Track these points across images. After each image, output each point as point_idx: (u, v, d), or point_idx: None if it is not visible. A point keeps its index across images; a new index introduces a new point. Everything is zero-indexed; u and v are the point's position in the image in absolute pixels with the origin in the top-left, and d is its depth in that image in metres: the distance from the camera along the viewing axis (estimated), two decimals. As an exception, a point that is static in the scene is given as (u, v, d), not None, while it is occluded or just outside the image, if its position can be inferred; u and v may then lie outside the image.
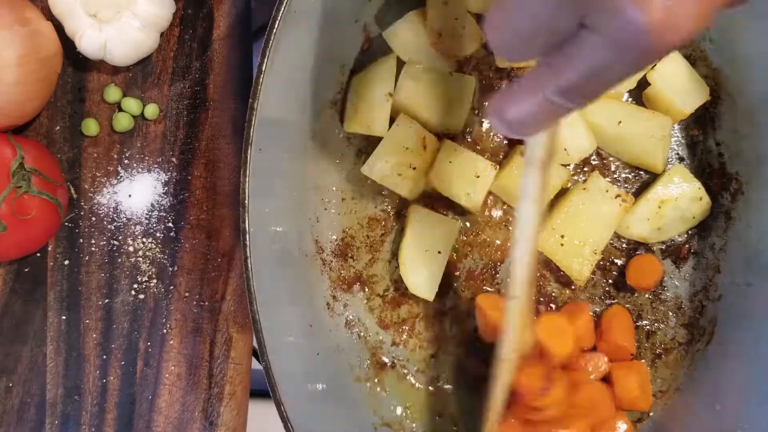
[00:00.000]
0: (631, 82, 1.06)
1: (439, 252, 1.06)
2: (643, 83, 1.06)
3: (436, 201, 1.10)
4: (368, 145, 1.08)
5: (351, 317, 1.10)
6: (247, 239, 0.86)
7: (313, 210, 1.08)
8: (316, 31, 0.97)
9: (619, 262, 1.10)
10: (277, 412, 0.88)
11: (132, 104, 1.08)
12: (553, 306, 1.10)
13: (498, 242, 1.10)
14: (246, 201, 0.86)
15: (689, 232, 1.10)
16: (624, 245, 1.10)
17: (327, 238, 1.09)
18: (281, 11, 0.84)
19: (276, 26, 0.84)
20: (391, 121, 1.04)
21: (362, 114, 1.04)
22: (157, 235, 1.09)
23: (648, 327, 1.10)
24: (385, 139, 1.03)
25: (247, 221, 0.86)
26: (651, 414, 1.09)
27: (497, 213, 1.10)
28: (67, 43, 1.04)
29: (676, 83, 1.05)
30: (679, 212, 1.05)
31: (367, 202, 1.10)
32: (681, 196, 1.05)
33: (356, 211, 1.10)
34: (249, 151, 0.85)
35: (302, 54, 0.96)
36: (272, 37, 0.84)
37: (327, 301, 1.09)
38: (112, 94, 1.08)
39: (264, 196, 0.91)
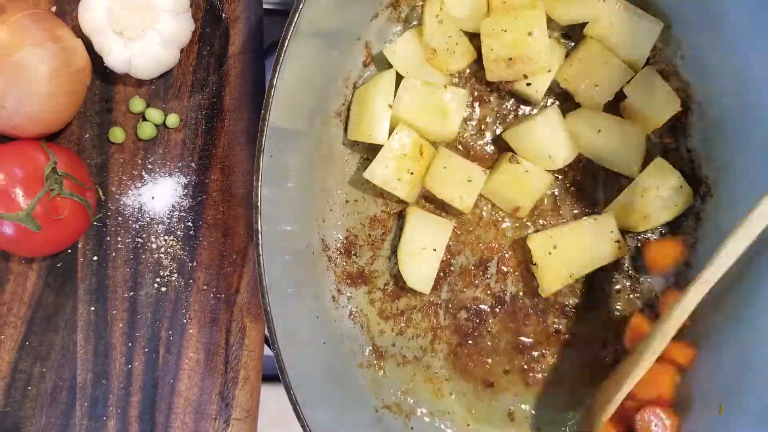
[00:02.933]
0: (610, 94, 1.10)
1: (434, 249, 1.10)
2: (620, 95, 1.10)
3: (432, 203, 1.14)
4: (370, 151, 1.12)
5: (354, 309, 1.14)
6: (260, 238, 0.91)
7: (319, 211, 1.12)
8: (322, 48, 1.02)
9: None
10: (287, 395, 0.93)
11: (155, 114, 1.13)
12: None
13: (488, 241, 1.15)
14: (258, 204, 0.90)
15: (662, 230, 1.14)
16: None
17: (332, 237, 1.13)
18: (290, 31, 0.89)
19: (285, 44, 0.89)
20: (391, 130, 1.07)
21: (364, 124, 1.08)
22: (178, 233, 1.14)
23: (619, 317, 1.15)
24: (384, 147, 1.07)
25: (259, 222, 0.91)
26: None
27: (487, 214, 1.15)
28: (95, 59, 1.08)
29: (650, 96, 1.09)
30: (662, 201, 1.10)
31: (369, 204, 1.14)
32: (662, 185, 1.09)
33: (359, 212, 1.14)
34: (261, 157, 0.90)
35: (309, 69, 1.00)
36: (282, 54, 0.89)
37: (332, 294, 1.13)
38: (137, 105, 1.13)
39: (275, 199, 0.96)
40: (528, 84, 1.10)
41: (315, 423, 0.96)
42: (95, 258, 1.14)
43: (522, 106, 1.15)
